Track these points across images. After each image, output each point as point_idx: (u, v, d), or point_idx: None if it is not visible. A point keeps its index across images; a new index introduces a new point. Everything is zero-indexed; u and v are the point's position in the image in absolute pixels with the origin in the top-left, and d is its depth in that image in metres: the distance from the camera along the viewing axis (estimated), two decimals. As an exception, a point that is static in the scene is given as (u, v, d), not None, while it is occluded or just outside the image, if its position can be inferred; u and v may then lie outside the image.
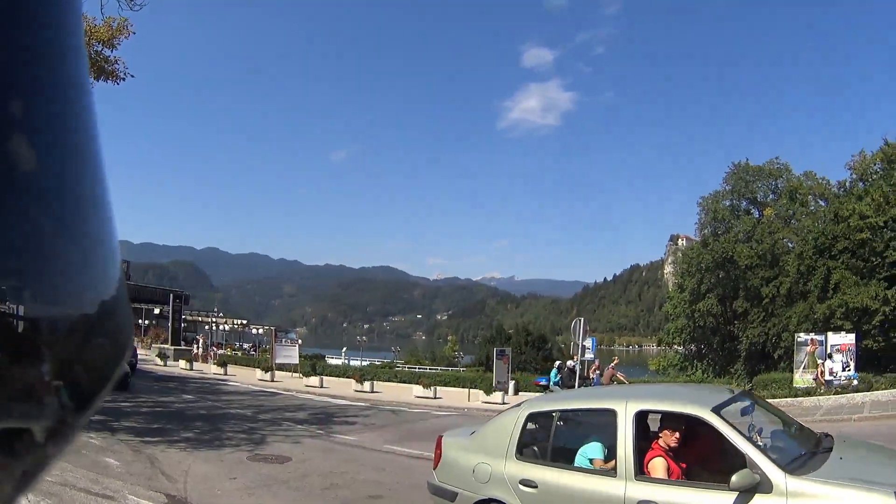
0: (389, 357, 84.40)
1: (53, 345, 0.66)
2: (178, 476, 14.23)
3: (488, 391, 32.90)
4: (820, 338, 31.90)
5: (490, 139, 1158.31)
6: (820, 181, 59.25)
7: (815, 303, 44.26)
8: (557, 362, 33.51)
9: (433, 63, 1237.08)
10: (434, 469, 9.76)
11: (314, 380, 38.99)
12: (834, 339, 31.56)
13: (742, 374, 52.10)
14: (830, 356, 30.58)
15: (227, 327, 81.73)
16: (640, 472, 7.40)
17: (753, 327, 54.79)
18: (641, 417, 7.93)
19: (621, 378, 31.06)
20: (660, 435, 7.77)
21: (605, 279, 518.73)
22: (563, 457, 8.44)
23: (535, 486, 8.05)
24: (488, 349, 53.79)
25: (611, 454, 7.98)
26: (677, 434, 7.65)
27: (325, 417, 25.15)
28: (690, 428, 7.77)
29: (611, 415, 7.99)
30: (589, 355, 32.90)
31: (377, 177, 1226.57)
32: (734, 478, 6.45)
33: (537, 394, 34.90)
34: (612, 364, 32.91)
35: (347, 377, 40.27)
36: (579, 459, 8.29)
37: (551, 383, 31.69)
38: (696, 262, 59.88)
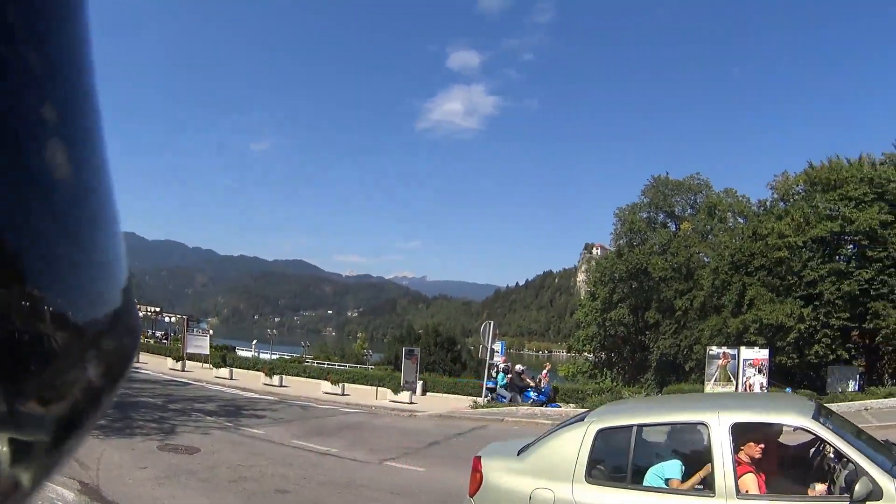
0: (299, 351, 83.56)
1: (74, 348, 0.69)
2: (91, 464, 14.37)
3: (396, 390, 33.09)
4: (733, 352, 32.73)
5: (410, 140, 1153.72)
6: (740, 199, 60.11)
7: (729, 317, 45.01)
8: (501, 365, 34.12)
9: (358, 61, 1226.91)
10: (471, 496, 8.38)
11: (224, 371, 38.80)
12: (747, 353, 32.38)
13: (652, 383, 52.80)
14: (761, 371, 31.40)
15: (140, 314, 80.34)
16: (738, 489, 6.85)
17: (665, 338, 55.38)
18: (737, 430, 7.20)
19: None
20: (742, 448, 7.26)
21: (517, 284, 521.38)
22: (640, 477, 7.54)
23: None
24: (397, 348, 53.93)
25: (689, 472, 7.51)
26: (762, 445, 7.31)
27: (234, 410, 25.22)
28: (769, 438, 7.49)
29: (701, 428, 7.56)
30: (497, 358, 33.61)
31: (296, 170, 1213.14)
32: (858, 487, 6.22)
33: (448, 394, 35.53)
34: (545, 371, 33.91)
35: (257, 370, 40.02)
36: (651, 479, 7.55)
37: (498, 386, 32.44)
38: (610, 271, 60.49)
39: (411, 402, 31.66)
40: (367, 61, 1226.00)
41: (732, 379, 31.82)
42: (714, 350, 34.15)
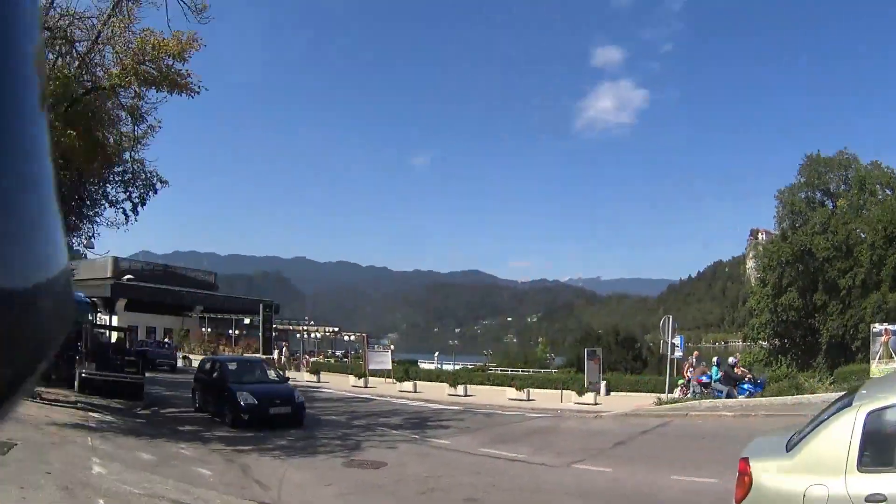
0: (482, 360, 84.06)
1: None
2: (272, 484, 14.18)
3: (580, 392, 32.57)
4: (893, 328, 30.72)
5: (569, 141, 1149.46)
6: (885, 170, 58.81)
7: (888, 292, 43.06)
8: (716, 359, 33.39)
9: (507, 68, 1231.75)
10: (740, 502, 7.46)
11: (408, 385, 39.08)
12: (908, 328, 30.30)
13: (823, 367, 50.74)
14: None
15: (318, 335, 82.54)
16: None
17: (833, 319, 54.08)
18: None
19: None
20: None
21: (689, 276, 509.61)
22: None
23: (885, 500, 6.30)
24: (579, 350, 53.40)
25: None
26: None
27: (419, 422, 25.10)
28: None
29: None
30: (678, 353, 32.50)
31: (459, 181, 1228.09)
32: None
33: (631, 393, 34.59)
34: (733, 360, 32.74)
35: (441, 381, 40.40)
36: None
37: (713, 381, 31.49)
38: (776, 255, 59.13)
39: (596, 403, 31.17)
40: (515, 68, 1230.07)
41: (894, 356, 29.69)
42: (877, 327, 32.16)
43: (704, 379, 31.85)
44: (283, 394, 23.95)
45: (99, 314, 40.65)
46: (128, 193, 27.71)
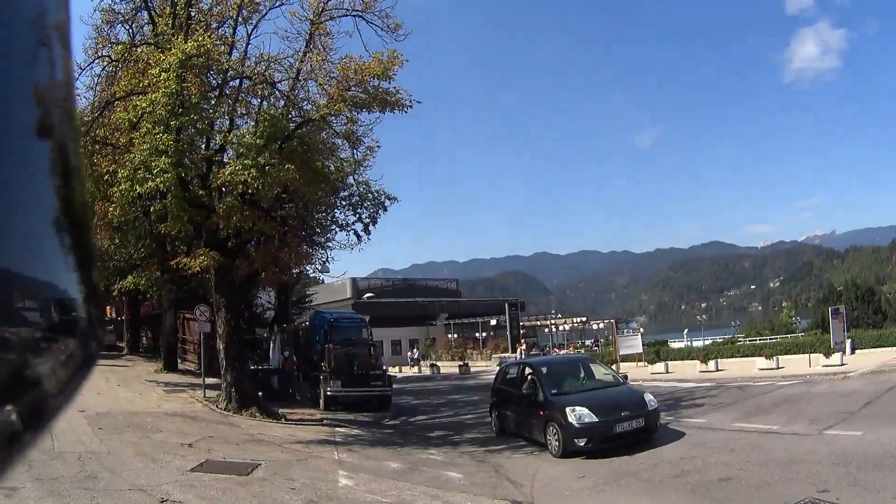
0: (730, 333, 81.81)
1: None
2: (525, 481, 14.30)
3: (827, 353, 31.79)
4: None
5: (774, 94, 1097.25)
6: None
7: None
8: None
9: (705, 29, 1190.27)
10: None
11: (659, 366, 39.06)
12: None
13: None
14: None
15: (566, 327, 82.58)
16: None
17: None
18: None
19: None
20: None
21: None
22: None
23: None
24: (822, 310, 51.08)
25: None
26: None
27: (672, 402, 24.78)
28: None
29: None
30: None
31: (686, 155, 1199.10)
32: None
33: (874, 349, 32.78)
34: None
35: (691, 359, 40.06)
36: None
37: None
38: None
39: (842, 364, 30.18)
40: (716, 35, 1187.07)
41: None
42: None
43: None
44: (629, 401, 17.88)
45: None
46: (357, 215, 28.65)
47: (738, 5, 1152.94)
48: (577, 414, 16.71)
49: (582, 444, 16.48)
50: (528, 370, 20.34)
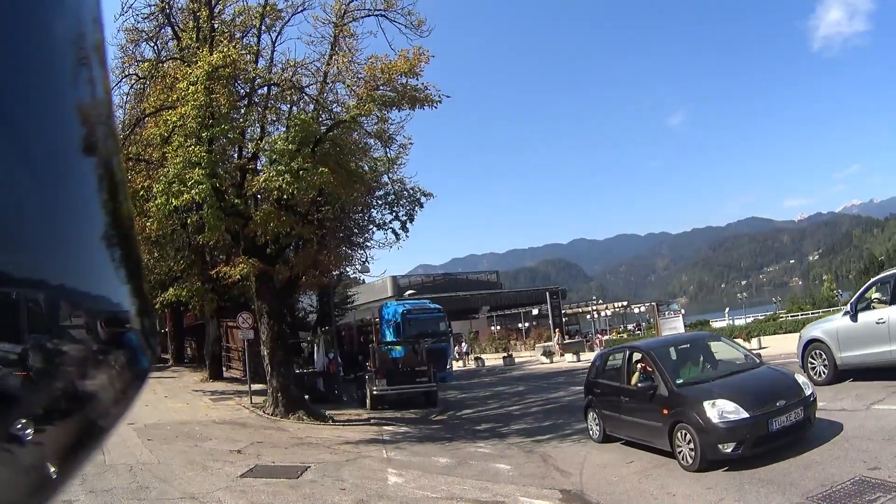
0: (771, 309, 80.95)
1: None
2: (573, 470, 14.29)
3: None
4: None
5: (809, 64, 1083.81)
6: None
7: None
8: None
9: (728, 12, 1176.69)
10: None
11: None
12: None
13: None
14: None
15: (608, 313, 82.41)
16: None
17: None
18: None
19: None
20: None
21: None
22: None
23: None
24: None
25: None
26: None
27: None
28: None
29: None
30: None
31: (715, 131, 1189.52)
32: None
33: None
34: None
35: (734, 338, 39.34)
36: None
37: None
38: None
39: None
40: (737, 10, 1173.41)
41: None
42: None
43: None
44: (782, 386, 13.39)
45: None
46: (394, 213, 28.70)
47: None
48: (719, 409, 12.52)
49: (729, 449, 12.30)
50: (636, 356, 15.75)
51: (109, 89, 1.25)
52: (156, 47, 24.75)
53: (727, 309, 77.38)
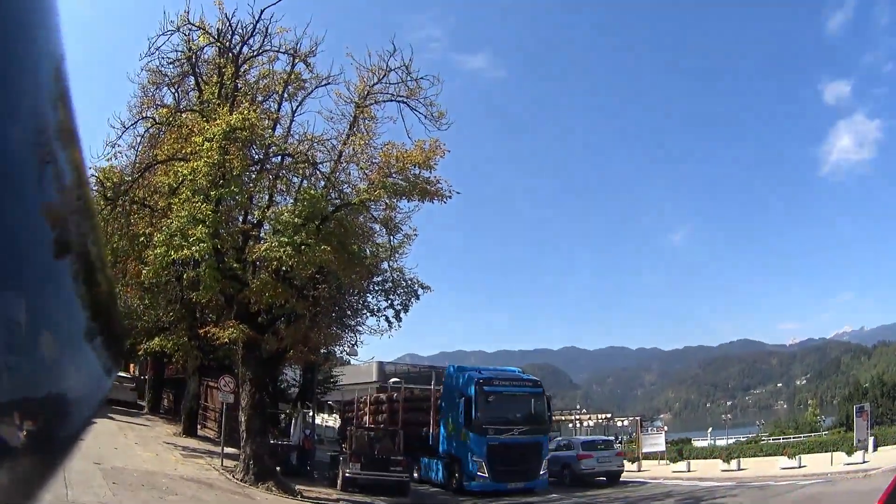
0: (754, 431, 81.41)
1: None
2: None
3: (849, 452, 32.24)
4: None
5: (812, 188, 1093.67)
6: None
7: None
8: None
9: (739, 122, 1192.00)
10: None
11: (681, 465, 39.35)
12: None
13: None
14: None
15: (591, 423, 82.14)
16: None
17: None
18: None
19: None
20: None
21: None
22: None
23: None
24: (847, 408, 51.22)
25: None
26: None
27: (692, 502, 24.91)
28: None
29: None
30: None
31: (716, 251, 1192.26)
32: None
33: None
34: None
35: (714, 458, 40.78)
36: None
37: None
38: None
39: (864, 462, 30.63)
40: (748, 121, 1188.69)
41: None
42: None
43: None
44: None
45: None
46: (389, 301, 28.82)
47: (776, 99, 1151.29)
48: None
49: None
50: None
51: (81, 163, 1.21)
52: (176, 94, 25.08)
53: (710, 429, 77.61)
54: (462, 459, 28.52)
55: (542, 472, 29.73)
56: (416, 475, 31.30)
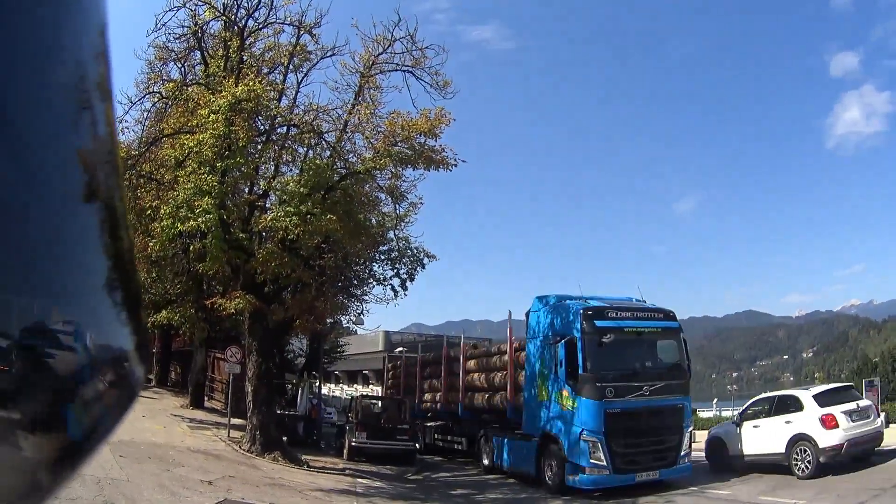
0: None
1: None
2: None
3: None
4: None
5: (823, 162, 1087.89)
6: None
7: None
8: None
9: (744, 93, 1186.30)
10: None
11: None
12: None
13: None
14: None
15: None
16: None
17: None
18: None
19: None
20: None
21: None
22: None
23: None
24: (856, 382, 51.06)
25: None
26: None
27: (698, 473, 24.19)
28: None
29: None
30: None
31: (721, 220, 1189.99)
32: None
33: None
34: None
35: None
36: None
37: None
38: None
39: None
40: (752, 92, 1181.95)
41: None
42: None
43: None
44: None
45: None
46: (395, 270, 28.72)
47: (781, 70, 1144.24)
48: None
49: None
50: None
51: (113, 121, 1.25)
52: (182, 69, 25.13)
53: (715, 399, 77.50)
54: (561, 438, 20.06)
55: (682, 453, 20.96)
56: (485, 461, 25.46)
